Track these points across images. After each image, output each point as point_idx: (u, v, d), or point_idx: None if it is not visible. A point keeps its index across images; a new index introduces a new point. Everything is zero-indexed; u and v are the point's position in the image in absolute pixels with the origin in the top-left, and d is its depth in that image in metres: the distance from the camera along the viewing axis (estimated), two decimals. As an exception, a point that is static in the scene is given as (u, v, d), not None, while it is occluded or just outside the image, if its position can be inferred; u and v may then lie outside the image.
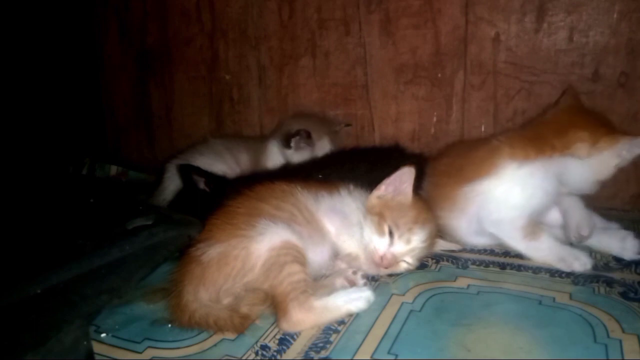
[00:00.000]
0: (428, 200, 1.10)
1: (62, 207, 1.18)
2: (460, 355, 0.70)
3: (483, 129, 1.39)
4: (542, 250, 0.98)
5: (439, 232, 1.04)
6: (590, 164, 0.97)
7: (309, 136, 1.35)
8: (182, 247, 0.89)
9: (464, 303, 0.85)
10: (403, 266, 0.94)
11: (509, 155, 1.01)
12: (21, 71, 1.69)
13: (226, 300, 0.83)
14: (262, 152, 1.44)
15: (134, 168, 1.86)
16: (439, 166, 1.16)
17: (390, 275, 0.95)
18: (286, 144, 1.37)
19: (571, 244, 1.01)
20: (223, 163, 1.40)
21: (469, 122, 1.41)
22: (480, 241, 1.09)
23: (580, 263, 0.94)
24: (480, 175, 1.02)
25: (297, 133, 1.35)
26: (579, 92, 1.27)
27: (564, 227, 1.05)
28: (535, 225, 1.01)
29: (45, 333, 0.66)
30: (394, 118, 1.51)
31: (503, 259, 1.02)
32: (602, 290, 0.87)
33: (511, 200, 1.00)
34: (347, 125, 1.49)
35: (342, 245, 0.94)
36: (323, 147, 1.38)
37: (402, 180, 0.94)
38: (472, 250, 1.07)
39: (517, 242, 1.01)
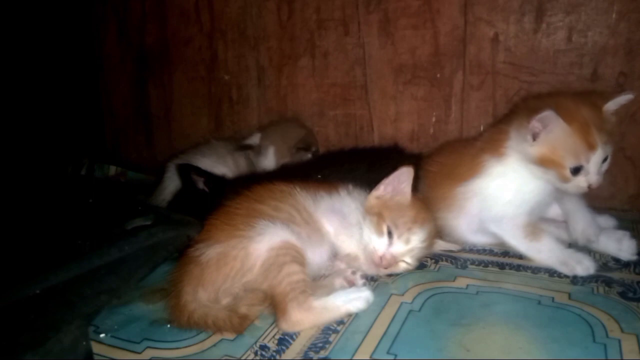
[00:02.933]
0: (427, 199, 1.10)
1: (61, 207, 1.18)
2: (460, 355, 0.70)
3: (482, 129, 1.39)
4: (543, 252, 0.98)
5: (438, 233, 1.04)
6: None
7: (252, 148, 1.45)
8: (181, 248, 0.89)
9: (463, 303, 0.85)
10: (402, 266, 0.94)
11: (488, 153, 1.02)
12: (20, 71, 1.69)
13: (225, 301, 0.83)
14: (260, 155, 1.45)
15: (133, 168, 1.86)
16: (433, 167, 1.16)
17: (389, 275, 0.95)
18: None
19: (570, 245, 1.01)
20: (224, 165, 1.40)
21: (468, 123, 1.41)
22: (480, 240, 1.09)
23: (583, 267, 0.92)
24: (471, 174, 1.03)
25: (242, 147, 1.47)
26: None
27: (569, 229, 1.04)
28: (536, 225, 1.00)
29: (45, 333, 0.65)
30: (393, 118, 1.51)
31: (502, 259, 1.02)
32: (601, 290, 0.87)
33: (504, 196, 1.00)
34: (307, 149, 1.45)
35: (341, 246, 0.94)
36: (268, 155, 1.43)
37: (401, 180, 0.94)
38: (471, 251, 1.07)
39: (518, 242, 1.00)
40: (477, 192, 1.03)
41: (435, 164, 1.16)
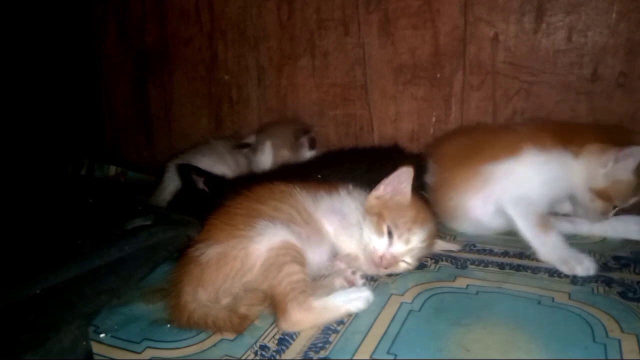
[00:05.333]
0: (437, 183, 1.13)
1: (61, 207, 1.18)
2: (460, 355, 0.70)
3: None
4: (547, 246, 0.98)
5: (438, 232, 1.04)
6: (579, 167, 1.02)
7: (249, 146, 1.45)
8: (181, 248, 0.89)
9: (463, 303, 0.85)
10: (402, 266, 0.94)
11: (531, 141, 1.04)
12: (20, 71, 1.69)
13: (225, 301, 0.82)
14: (257, 152, 1.45)
15: (133, 168, 1.86)
16: (452, 148, 1.17)
17: (389, 275, 0.95)
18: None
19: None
20: (224, 165, 1.40)
21: (468, 123, 1.41)
22: (494, 223, 1.09)
23: (583, 267, 0.93)
24: (505, 155, 1.05)
25: (240, 146, 1.47)
26: (578, 92, 1.28)
27: (618, 228, 1.10)
28: (548, 219, 1.02)
29: (45, 333, 0.65)
30: (393, 118, 1.51)
31: (502, 259, 1.02)
32: (601, 290, 0.87)
33: (532, 182, 1.03)
34: (306, 132, 1.45)
35: (341, 246, 0.94)
36: (264, 150, 1.41)
37: (401, 180, 0.94)
38: (471, 250, 1.07)
39: (528, 227, 1.01)
40: (507, 173, 1.04)
41: (455, 144, 1.17)
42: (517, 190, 1.03)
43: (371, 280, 0.94)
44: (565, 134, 1.04)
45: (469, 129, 1.30)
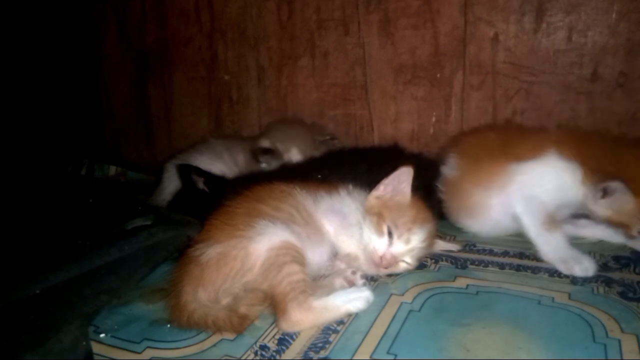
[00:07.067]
0: (459, 177, 1.13)
1: (61, 207, 1.18)
2: (460, 355, 0.70)
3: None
4: (550, 245, 0.98)
5: (438, 232, 1.04)
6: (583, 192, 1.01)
7: (273, 152, 1.38)
8: (181, 248, 0.89)
9: (463, 303, 0.85)
10: (402, 266, 0.94)
11: (555, 147, 1.03)
12: (20, 71, 1.69)
13: (225, 301, 0.82)
14: (282, 160, 1.44)
15: (133, 168, 1.86)
16: (480, 142, 1.17)
17: (389, 275, 0.95)
18: (256, 159, 1.39)
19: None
20: (222, 163, 1.40)
21: (468, 123, 1.41)
22: (509, 225, 1.09)
23: (582, 268, 0.93)
24: (529, 156, 1.05)
25: (264, 152, 1.39)
26: (578, 92, 1.28)
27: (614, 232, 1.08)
28: (557, 220, 1.02)
29: (45, 333, 0.65)
30: (393, 118, 1.51)
31: (502, 259, 1.02)
32: (601, 290, 0.87)
33: (546, 184, 1.03)
34: (333, 139, 1.45)
35: (341, 246, 0.94)
36: (291, 157, 1.38)
37: (401, 180, 0.94)
38: (471, 250, 1.08)
39: (534, 224, 1.01)
40: (525, 172, 1.04)
41: (485, 138, 1.17)
42: (530, 190, 1.03)
43: (371, 280, 0.94)
44: (589, 147, 1.02)
45: (499, 126, 1.31)
